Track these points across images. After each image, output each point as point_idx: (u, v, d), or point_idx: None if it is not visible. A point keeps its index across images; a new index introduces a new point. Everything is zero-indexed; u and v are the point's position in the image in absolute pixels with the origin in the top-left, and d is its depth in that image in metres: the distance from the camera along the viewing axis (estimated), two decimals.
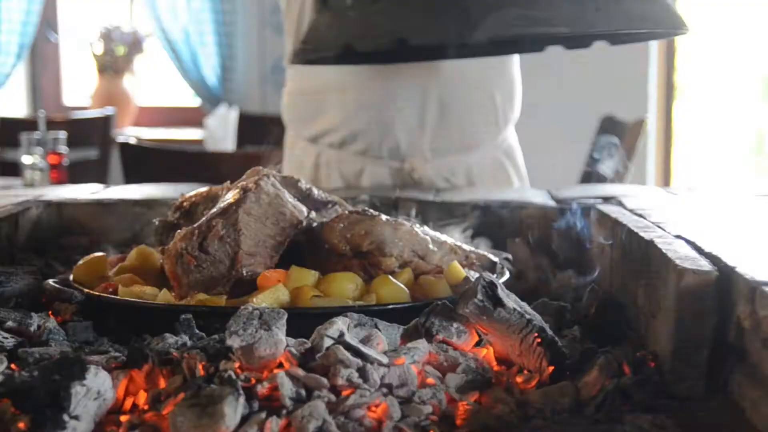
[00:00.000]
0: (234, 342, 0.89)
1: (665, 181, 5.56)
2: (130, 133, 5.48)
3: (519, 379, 0.96)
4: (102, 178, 4.59)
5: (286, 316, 0.92)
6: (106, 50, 5.71)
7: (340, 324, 0.92)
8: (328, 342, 0.90)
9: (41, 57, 5.98)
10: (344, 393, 0.86)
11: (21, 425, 0.85)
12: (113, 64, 5.71)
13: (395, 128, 2.06)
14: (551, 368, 0.96)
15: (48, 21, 5.84)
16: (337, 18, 1.41)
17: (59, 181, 3.58)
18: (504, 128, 2.15)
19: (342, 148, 2.11)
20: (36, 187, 2.09)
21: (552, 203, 1.64)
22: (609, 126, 3.51)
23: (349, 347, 0.87)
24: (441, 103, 2.06)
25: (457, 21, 1.23)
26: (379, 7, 1.32)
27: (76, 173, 3.81)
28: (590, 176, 3.61)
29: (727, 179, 6.09)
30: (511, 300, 0.97)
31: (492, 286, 0.96)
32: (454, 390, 0.91)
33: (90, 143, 4.56)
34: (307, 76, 2.11)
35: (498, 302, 0.96)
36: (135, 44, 5.75)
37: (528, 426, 0.88)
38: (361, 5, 1.36)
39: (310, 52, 1.46)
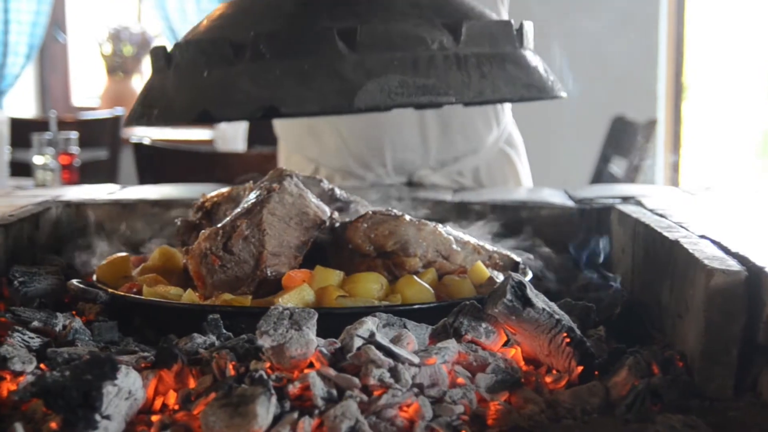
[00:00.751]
0: (265, 342, 0.89)
1: (674, 181, 5.55)
2: (138, 134, 5.48)
3: (548, 379, 0.96)
4: (112, 178, 4.60)
5: (316, 316, 0.92)
6: (115, 51, 5.72)
7: (369, 324, 0.92)
8: (358, 342, 0.90)
9: (50, 58, 5.99)
10: (376, 393, 0.86)
11: (53, 425, 0.85)
12: (122, 65, 5.72)
13: (396, 150, 2.04)
14: (580, 368, 0.95)
15: (56, 21, 5.85)
16: (188, 79, 1.21)
17: (71, 182, 3.59)
18: (503, 119, 2.12)
19: (340, 169, 2.09)
20: (47, 188, 2.09)
21: (570, 203, 1.64)
22: (620, 126, 3.51)
23: (380, 347, 0.88)
24: (440, 119, 2.03)
25: (333, 88, 1.10)
26: (239, 69, 1.14)
27: (85, 174, 3.82)
28: (601, 176, 3.62)
29: (736, 179, 6.08)
30: (539, 300, 0.97)
31: (521, 286, 0.96)
32: (484, 390, 0.91)
33: (99, 144, 4.57)
34: None
35: (527, 302, 0.96)
36: (143, 44, 5.76)
37: (558, 426, 0.88)
38: (216, 66, 1.17)
39: (156, 118, 1.22)
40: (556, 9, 4.59)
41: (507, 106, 2.03)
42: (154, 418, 0.88)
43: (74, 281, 1.23)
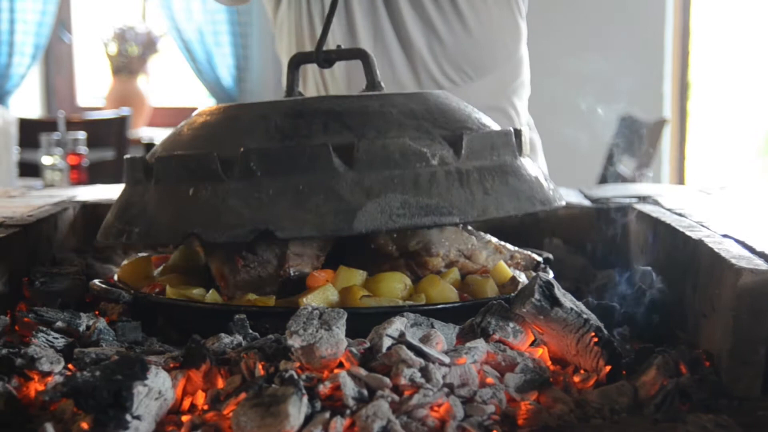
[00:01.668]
0: (295, 342, 0.89)
1: (680, 180, 5.55)
2: (144, 134, 5.49)
3: (576, 379, 0.96)
4: (118, 178, 4.59)
5: (346, 316, 0.93)
6: (120, 50, 5.72)
7: (398, 324, 0.93)
8: (387, 341, 0.90)
9: (55, 58, 5.99)
10: (406, 393, 0.86)
11: (84, 425, 0.85)
12: (127, 65, 5.72)
13: None
14: (608, 368, 0.96)
15: (62, 22, 5.85)
16: (171, 197, 1.13)
17: (79, 182, 3.60)
18: (520, 123, 2.07)
19: None
20: (61, 188, 2.09)
21: (587, 203, 1.64)
22: (629, 125, 3.51)
23: (411, 347, 0.88)
24: None
25: (331, 209, 1.05)
26: (228, 187, 1.08)
27: (92, 174, 3.82)
28: (608, 175, 3.61)
29: (740, 178, 6.07)
30: (567, 299, 0.97)
31: (549, 285, 0.97)
32: (513, 390, 0.91)
33: (106, 144, 4.57)
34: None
35: (555, 302, 0.96)
36: (149, 44, 5.76)
37: (588, 426, 0.88)
38: (202, 183, 1.10)
39: (137, 237, 1.14)
40: (564, 11, 4.59)
41: (523, 112, 2.01)
42: (184, 418, 0.88)
43: (97, 281, 1.23)
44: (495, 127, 1.23)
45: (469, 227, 1.28)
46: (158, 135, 5.27)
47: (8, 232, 1.29)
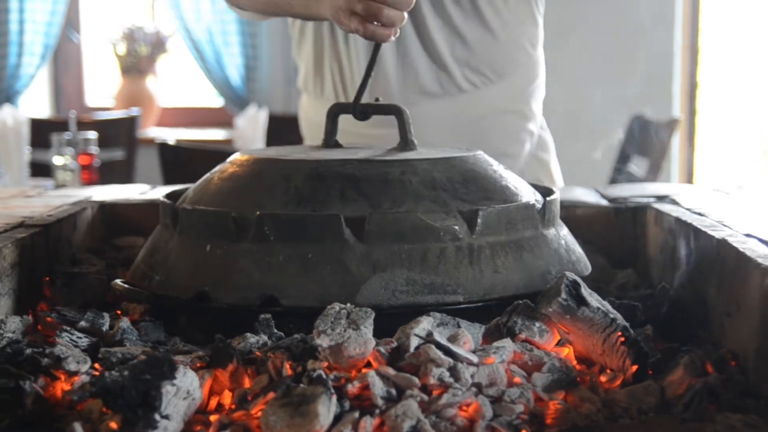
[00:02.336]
0: (323, 341, 0.90)
1: (688, 179, 5.54)
2: (153, 134, 5.50)
3: (603, 379, 0.96)
4: (128, 178, 4.60)
5: (373, 315, 0.93)
6: (129, 50, 5.72)
7: (425, 323, 0.93)
8: (415, 341, 0.90)
9: (63, 58, 6.00)
10: (435, 392, 0.86)
11: (113, 425, 0.86)
12: (136, 65, 5.73)
13: None
14: (634, 367, 0.95)
15: (70, 22, 5.86)
16: (190, 251, 1.16)
17: (90, 182, 3.60)
18: (536, 125, 2.05)
19: None
20: (76, 187, 2.09)
21: (605, 202, 1.64)
22: (640, 125, 3.51)
23: (440, 346, 0.88)
24: (476, 140, 1.97)
25: (337, 280, 1.05)
26: (241, 248, 1.10)
27: (102, 174, 3.82)
28: (620, 175, 3.61)
29: (747, 178, 6.06)
30: (594, 299, 0.97)
31: (575, 285, 0.97)
32: (540, 389, 0.91)
33: (116, 144, 4.57)
34: (314, 108, 1.98)
35: (582, 301, 0.96)
36: (158, 44, 5.76)
37: (616, 425, 0.88)
38: (219, 241, 1.13)
39: (156, 285, 1.18)
40: (577, 11, 4.59)
41: (539, 114, 2.00)
42: (213, 417, 0.88)
43: (119, 281, 1.23)
44: (524, 194, 1.22)
45: None
46: (169, 135, 5.28)
47: (29, 232, 1.30)
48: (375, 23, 1.28)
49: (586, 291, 0.97)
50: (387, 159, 1.20)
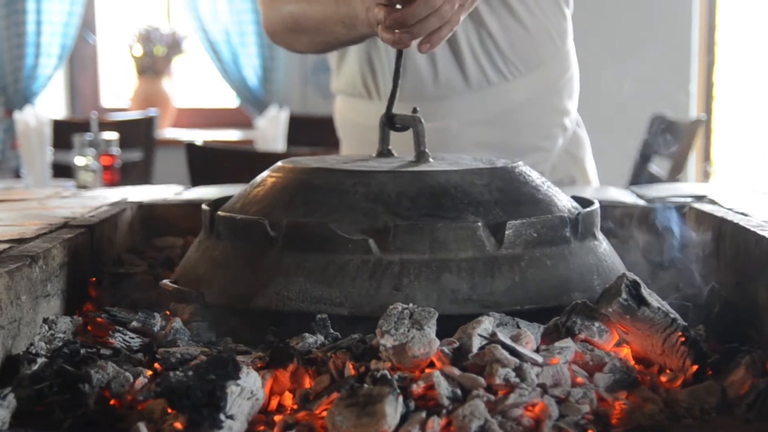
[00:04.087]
0: (387, 341, 0.90)
1: (705, 179, 5.53)
2: (169, 135, 5.51)
3: (663, 379, 0.96)
4: (146, 179, 4.61)
5: (436, 316, 0.93)
6: (145, 51, 5.73)
7: (487, 323, 0.93)
8: (478, 341, 0.90)
9: (80, 58, 6.01)
10: (501, 392, 0.86)
11: (177, 425, 0.86)
12: (152, 65, 5.74)
13: None
14: (695, 367, 0.95)
15: (86, 23, 5.87)
16: (225, 257, 1.19)
17: (112, 183, 3.61)
18: (570, 120, 2.05)
19: None
20: (108, 188, 2.10)
21: (642, 202, 1.64)
22: (662, 125, 3.49)
23: (505, 346, 0.88)
24: (507, 133, 1.98)
25: (357, 292, 1.07)
26: (269, 257, 1.13)
27: (122, 175, 3.83)
28: (640, 176, 3.60)
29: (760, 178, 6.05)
30: (654, 299, 0.97)
31: (636, 285, 0.96)
32: (603, 389, 0.91)
33: (134, 145, 4.58)
34: (362, 112, 1.97)
35: (642, 301, 0.96)
36: (174, 45, 5.77)
37: (679, 425, 0.88)
38: (251, 248, 1.16)
39: (194, 299, 1.19)
40: (594, 12, 4.58)
41: (573, 109, 2.00)
42: (277, 418, 0.89)
43: (167, 281, 1.23)
44: (563, 206, 1.21)
45: None
46: (186, 136, 5.29)
47: (75, 233, 1.30)
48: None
49: (646, 291, 0.97)
50: (422, 171, 1.20)
